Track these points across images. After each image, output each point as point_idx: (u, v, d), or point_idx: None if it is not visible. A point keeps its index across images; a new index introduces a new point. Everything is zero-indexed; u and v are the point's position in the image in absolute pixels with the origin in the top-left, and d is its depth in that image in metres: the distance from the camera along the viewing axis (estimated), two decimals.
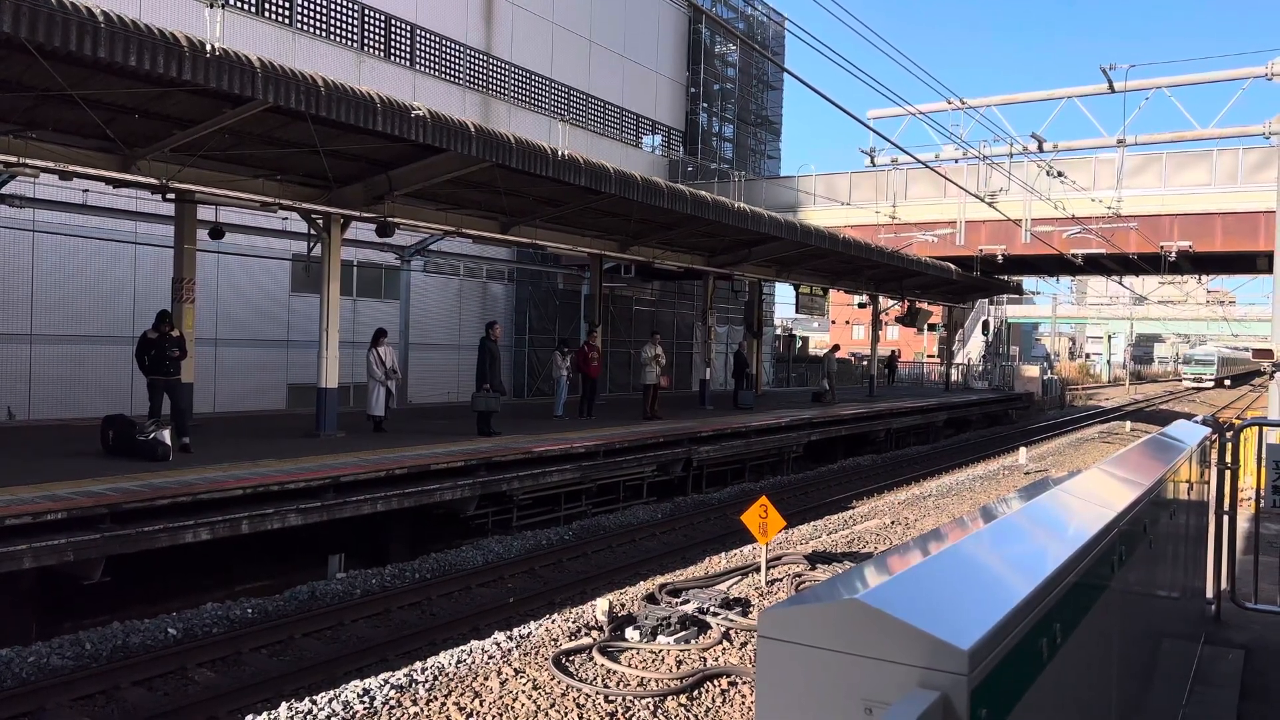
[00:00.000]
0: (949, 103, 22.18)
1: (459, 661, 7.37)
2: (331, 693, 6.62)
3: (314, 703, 6.43)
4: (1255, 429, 8.57)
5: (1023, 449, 21.95)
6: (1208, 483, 6.72)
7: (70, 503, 8.98)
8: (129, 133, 12.11)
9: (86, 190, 15.70)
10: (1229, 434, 7.36)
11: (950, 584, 1.92)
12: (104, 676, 7.70)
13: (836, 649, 1.59)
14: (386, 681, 6.86)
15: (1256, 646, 6.90)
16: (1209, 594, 7.32)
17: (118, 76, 10.21)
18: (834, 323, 74.97)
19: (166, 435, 11.91)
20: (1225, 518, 7.24)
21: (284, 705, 6.38)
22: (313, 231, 15.20)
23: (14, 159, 11.28)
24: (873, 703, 1.55)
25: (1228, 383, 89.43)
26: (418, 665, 7.27)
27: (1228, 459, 7.20)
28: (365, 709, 6.39)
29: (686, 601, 9.04)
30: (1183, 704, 5.46)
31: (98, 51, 9.08)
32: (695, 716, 6.62)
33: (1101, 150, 27.61)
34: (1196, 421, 7.23)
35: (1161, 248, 27.06)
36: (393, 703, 6.52)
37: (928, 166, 24.01)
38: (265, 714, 6.27)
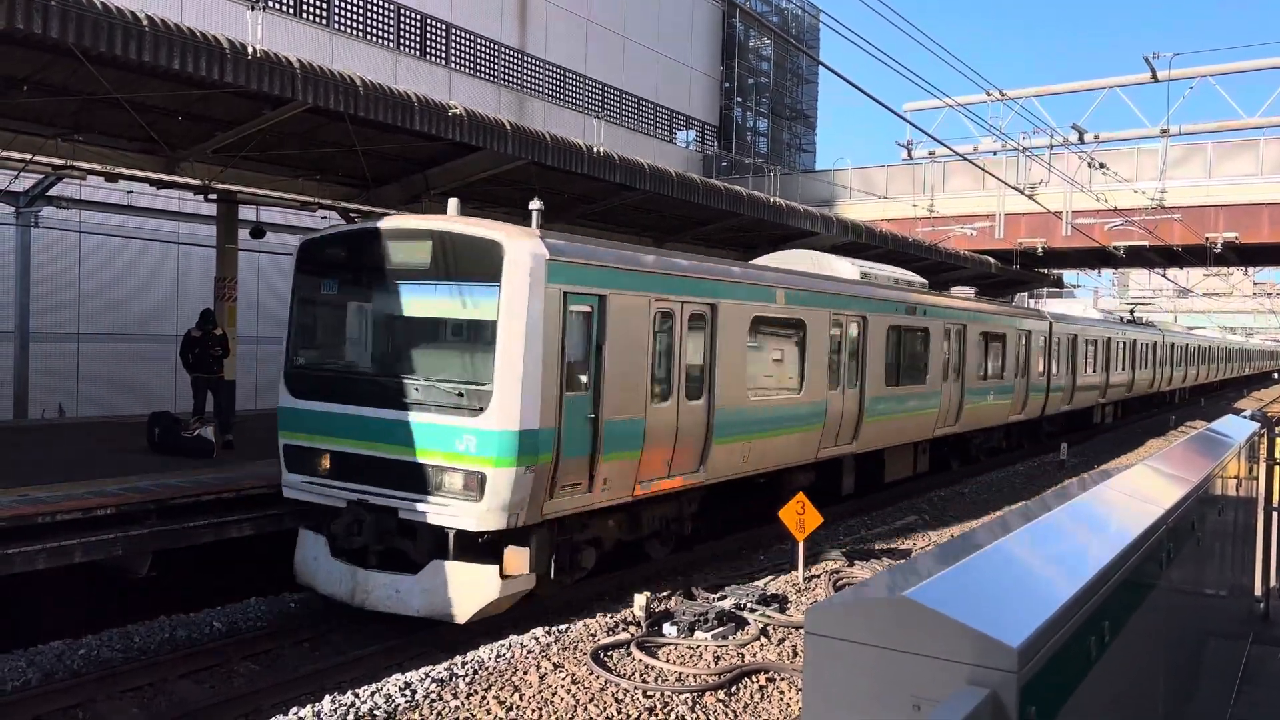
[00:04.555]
0: (987, 94, 21.91)
1: (499, 656, 7.43)
2: (373, 686, 6.71)
3: (356, 695, 6.52)
4: None
5: (1064, 444, 21.66)
6: (1256, 479, 6.60)
7: (119, 498, 9.16)
8: (172, 134, 12.31)
9: (131, 191, 15.98)
10: (1278, 429, 7.23)
11: (998, 582, 1.91)
12: (152, 669, 7.85)
13: (884, 646, 1.59)
14: (427, 675, 6.93)
15: None
16: (1257, 592, 7.19)
17: (161, 79, 10.37)
18: None
19: (210, 432, 12.11)
20: (1275, 514, 7.11)
21: (327, 699, 6.47)
22: None
23: (62, 161, 11.52)
24: (921, 699, 1.54)
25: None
26: (458, 659, 7.34)
27: (1277, 454, 7.07)
28: (406, 702, 6.46)
29: (724, 597, 9.04)
30: (1230, 704, 5.38)
31: (142, 55, 9.23)
32: (734, 712, 6.62)
33: (1144, 141, 27.14)
34: (1245, 416, 7.11)
35: (1206, 239, 26.54)
36: (433, 696, 6.59)
37: (966, 159, 23.76)
38: (309, 706, 6.37)
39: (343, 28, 23.58)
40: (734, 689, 6.96)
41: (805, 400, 12.32)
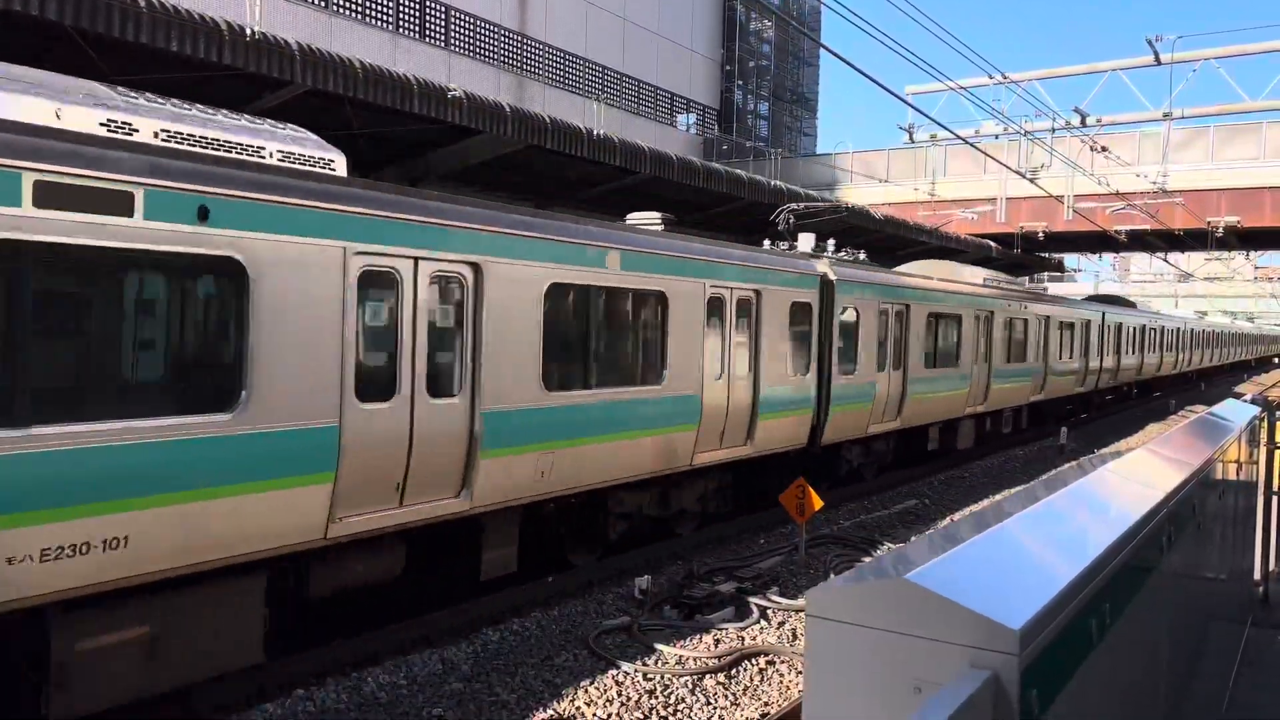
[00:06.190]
0: (990, 77, 21.79)
1: (500, 639, 7.46)
2: (376, 669, 6.73)
3: (359, 678, 6.55)
4: None
5: (1063, 429, 21.68)
6: (1257, 463, 6.61)
7: None
8: None
9: None
10: (1278, 413, 7.23)
11: (999, 565, 1.91)
12: None
13: (885, 628, 1.59)
14: (430, 659, 6.96)
15: None
16: (1256, 576, 7.21)
17: (160, 62, 10.34)
18: None
19: None
20: (1275, 498, 7.12)
21: (330, 681, 6.50)
22: None
23: None
24: (922, 682, 1.55)
25: None
26: (461, 642, 7.37)
27: (1277, 439, 7.08)
28: (409, 686, 6.50)
29: (724, 581, 9.07)
30: (1229, 686, 5.40)
31: (140, 38, 9.21)
32: (734, 694, 6.66)
33: (1146, 124, 27.03)
34: (1245, 401, 7.12)
35: (1208, 223, 26.49)
36: (437, 680, 6.62)
37: (967, 143, 23.66)
38: (312, 690, 6.39)
39: (341, 10, 23.46)
40: (734, 672, 6.99)
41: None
